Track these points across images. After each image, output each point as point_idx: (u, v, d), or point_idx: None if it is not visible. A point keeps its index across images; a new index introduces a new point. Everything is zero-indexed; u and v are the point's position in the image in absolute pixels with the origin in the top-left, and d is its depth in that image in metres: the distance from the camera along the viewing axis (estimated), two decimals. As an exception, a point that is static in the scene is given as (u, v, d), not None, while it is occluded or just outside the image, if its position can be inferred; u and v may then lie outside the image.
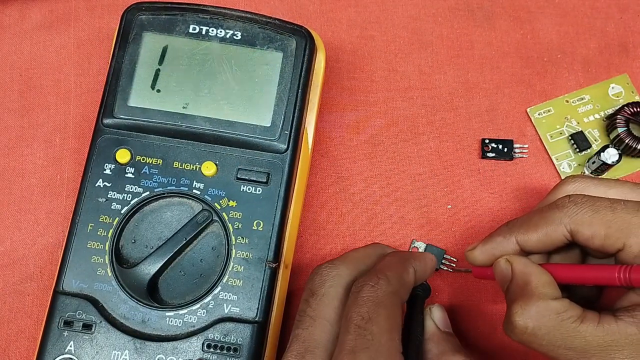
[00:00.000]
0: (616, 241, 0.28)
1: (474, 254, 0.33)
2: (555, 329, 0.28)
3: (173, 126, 0.35)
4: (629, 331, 0.27)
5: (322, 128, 0.41)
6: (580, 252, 0.32)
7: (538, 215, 0.31)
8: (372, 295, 0.29)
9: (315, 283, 0.30)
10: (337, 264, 0.31)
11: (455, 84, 0.42)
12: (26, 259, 0.38)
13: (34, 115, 0.41)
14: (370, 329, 0.28)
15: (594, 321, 0.27)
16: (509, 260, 0.31)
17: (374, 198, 0.40)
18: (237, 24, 0.36)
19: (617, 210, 0.29)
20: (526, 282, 0.29)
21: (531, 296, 0.29)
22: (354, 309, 0.28)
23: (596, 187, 0.32)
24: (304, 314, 0.29)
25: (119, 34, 0.36)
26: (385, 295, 0.29)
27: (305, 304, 0.30)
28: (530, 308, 0.28)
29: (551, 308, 0.28)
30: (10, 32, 0.43)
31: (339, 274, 0.30)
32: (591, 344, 0.27)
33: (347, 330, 0.28)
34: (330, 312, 0.29)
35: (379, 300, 0.29)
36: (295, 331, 0.29)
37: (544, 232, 0.30)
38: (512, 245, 0.31)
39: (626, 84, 0.42)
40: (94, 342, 0.32)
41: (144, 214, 0.34)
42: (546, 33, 0.43)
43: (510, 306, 0.29)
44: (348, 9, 0.44)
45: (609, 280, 0.28)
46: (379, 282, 0.29)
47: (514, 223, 0.32)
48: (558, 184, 0.33)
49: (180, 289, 0.33)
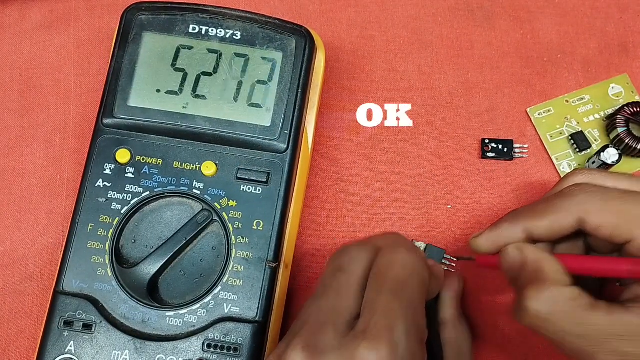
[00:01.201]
0: (626, 232, 0.28)
1: (479, 241, 0.32)
2: (568, 315, 0.27)
3: (173, 126, 0.35)
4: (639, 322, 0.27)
5: (322, 128, 0.41)
6: (584, 245, 0.32)
7: (546, 203, 0.31)
8: (409, 260, 0.28)
9: (343, 259, 0.30)
10: (365, 246, 0.30)
11: (455, 84, 0.42)
12: (26, 259, 0.38)
13: (34, 115, 0.41)
14: (406, 294, 0.27)
15: (605, 310, 0.27)
16: (519, 248, 0.31)
17: (374, 198, 0.40)
18: (237, 23, 0.36)
19: (628, 201, 0.29)
20: (539, 269, 0.29)
21: (545, 281, 0.28)
22: (389, 271, 0.28)
23: (604, 179, 0.31)
24: (330, 287, 0.29)
25: (119, 34, 0.36)
26: (420, 265, 0.29)
27: (332, 277, 0.29)
28: (544, 293, 0.28)
29: (565, 294, 0.28)
30: (10, 32, 0.43)
31: (367, 256, 0.30)
32: (602, 333, 0.27)
33: (381, 291, 0.27)
34: (357, 289, 0.28)
35: (415, 268, 0.28)
36: (317, 302, 0.28)
37: (552, 219, 0.30)
38: (519, 233, 0.31)
39: (626, 84, 0.42)
40: (94, 342, 0.32)
41: (144, 214, 0.34)
42: (546, 33, 0.43)
43: (522, 291, 0.29)
44: (348, 9, 0.44)
45: (618, 272, 0.28)
46: (413, 251, 0.29)
47: (521, 211, 0.32)
48: (566, 175, 0.33)
49: (181, 289, 0.33)
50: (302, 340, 0.26)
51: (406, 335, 0.26)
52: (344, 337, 0.26)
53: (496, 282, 0.38)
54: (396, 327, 0.25)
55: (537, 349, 0.37)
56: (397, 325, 0.26)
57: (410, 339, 0.26)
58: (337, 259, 0.30)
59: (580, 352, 0.28)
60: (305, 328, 0.27)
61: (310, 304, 0.29)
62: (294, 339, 0.27)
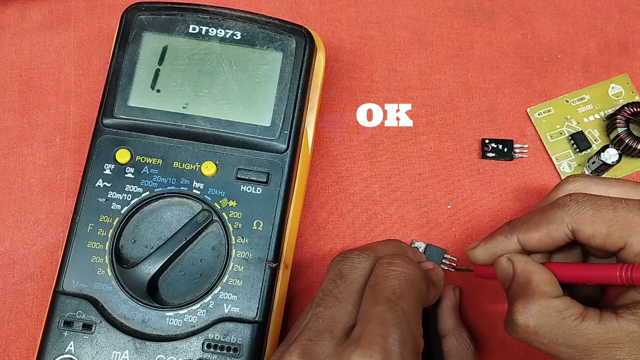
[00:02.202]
0: (618, 240, 0.28)
1: (475, 252, 0.33)
2: (557, 327, 0.28)
3: (173, 126, 0.35)
4: (630, 329, 0.27)
5: (322, 128, 0.41)
6: (582, 252, 0.32)
7: (539, 214, 0.31)
8: (405, 271, 0.28)
9: (345, 267, 0.30)
10: (367, 254, 0.30)
11: (455, 84, 0.42)
12: (26, 259, 0.38)
13: (34, 115, 0.41)
14: (401, 305, 0.27)
15: (595, 319, 0.27)
16: (510, 259, 0.31)
17: (374, 198, 0.40)
18: (237, 24, 0.36)
19: (619, 208, 0.29)
20: (527, 281, 0.29)
21: (532, 294, 0.29)
22: (385, 282, 0.28)
23: (597, 186, 0.32)
24: (330, 293, 0.29)
25: (119, 34, 0.36)
26: (417, 277, 0.29)
27: (332, 284, 0.29)
28: (531, 306, 0.28)
29: (552, 306, 0.28)
30: (10, 32, 0.43)
31: (367, 264, 0.30)
32: (592, 342, 0.27)
33: (376, 301, 0.27)
34: (356, 298, 0.29)
35: (411, 279, 0.28)
36: (316, 309, 0.28)
37: (545, 231, 0.30)
38: (514, 245, 0.31)
39: (626, 84, 0.42)
40: (94, 342, 0.32)
41: (144, 214, 0.34)
42: (546, 33, 0.43)
43: (512, 305, 0.29)
44: (348, 9, 0.44)
45: (611, 279, 0.28)
46: (411, 262, 0.29)
47: (516, 222, 0.32)
48: (559, 184, 0.33)
49: (180, 289, 0.33)
50: (299, 347, 0.27)
51: (400, 344, 0.26)
52: (339, 345, 0.26)
53: (495, 289, 0.38)
54: (390, 336, 0.26)
55: (535, 357, 0.37)
56: (390, 334, 0.26)
57: (404, 348, 0.26)
58: (338, 265, 0.30)
59: None
60: (303, 334, 0.27)
61: (309, 310, 0.29)
62: (292, 344, 0.27)
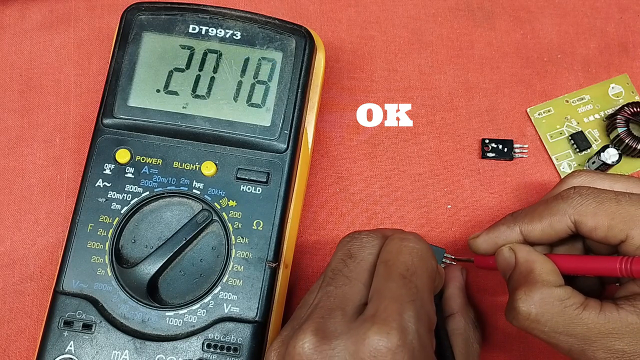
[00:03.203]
0: (619, 233, 0.28)
1: (477, 242, 0.33)
2: (558, 316, 0.28)
3: (173, 126, 0.35)
4: (629, 320, 0.27)
5: (322, 128, 0.41)
6: (583, 248, 0.32)
7: (542, 205, 0.31)
8: (418, 247, 0.28)
9: (354, 246, 0.30)
10: (376, 235, 0.30)
11: (455, 84, 0.42)
12: (26, 259, 0.38)
13: (34, 115, 0.41)
14: (415, 281, 0.27)
15: (596, 309, 0.28)
16: (512, 249, 0.31)
17: (374, 198, 0.40)
18: (236, 23, 0.36)
19: (622, 202, 0.29)
20: (530, 270, 0.29)
21: (535, 283, 0.29)
22: (399, 257, 0.28)
23: (602, 180, 0.32)
24: (340, 272, 0.28)
25: (119, 34, 0.36)
26: (429, 254, 0.29)
27: (342, 263, 0.29)
28: (533, 294, 0.28)
29: (554, 295, 0.28)
30: (10, 32, 0.43)
31: (376, 242, 0.30)
32: (592, 331, 0.27)
33: (390, 277, 0.27)
34: (366, 276, 0.28)
35: (423, 256, 0.28)
36: (326, 288, 0.28)
37: (548, 222, 0.30)
38: (516, 235, 0.31)
39: (626, 84, 0.42)
40: (94, 342, 0.32)
41: (144, 214, 0.34)
42: (546, 33, 0.43)
43: (514, 293, 0.29)
44: (348, 9, 0.44)
45: (611, 270, 0.28)
46: (421, 239, 0.29)
47: (519, 213, 0.32)
48: (564, 177, 0.33)
49: (180, 289, 0.33)
50: (312, 324, 0.26)
51: (416, 321, 0.25)
52: (352, 322, 0.26)
53: (495, 282, 0.38)
54: (405, 313, 0.25)
55: (536, 350, 0.37)
56: (406, 310, 0.25)
57: (419, 325, 0.26)
58: (347, 245, 0.30)
59: (573, 351, 0.28)
60: (315, 313, 0.27)
61: (319, 289, 0.29)
62: (304, 323, 0.27)
